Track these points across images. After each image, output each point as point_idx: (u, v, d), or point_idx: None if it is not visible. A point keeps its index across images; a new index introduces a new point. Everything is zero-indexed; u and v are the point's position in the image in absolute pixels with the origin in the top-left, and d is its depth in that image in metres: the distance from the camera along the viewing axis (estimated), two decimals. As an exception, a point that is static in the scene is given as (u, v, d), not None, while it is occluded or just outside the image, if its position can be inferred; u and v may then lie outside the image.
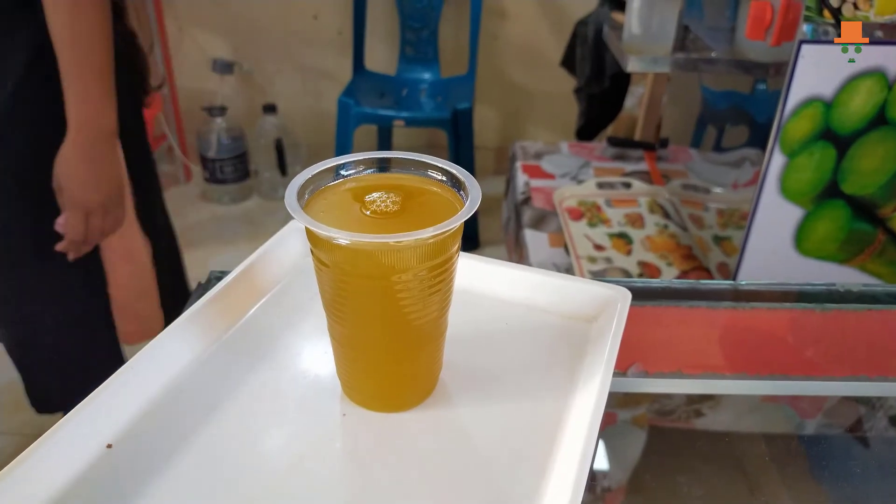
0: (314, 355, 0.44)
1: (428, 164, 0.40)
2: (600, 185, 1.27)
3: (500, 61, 2.30)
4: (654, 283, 0.52)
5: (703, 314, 0.49)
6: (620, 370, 0.49)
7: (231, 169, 2.23)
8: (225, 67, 2.26)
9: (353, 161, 0.40)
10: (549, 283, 0.48)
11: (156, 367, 0.41)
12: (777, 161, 0.83)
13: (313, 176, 0.39)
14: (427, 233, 0.33)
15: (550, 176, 1.35)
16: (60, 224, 0.87)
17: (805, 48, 0.76)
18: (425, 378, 0.42)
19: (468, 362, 0.44)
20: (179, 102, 2.33)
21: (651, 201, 1.22)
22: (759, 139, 0.89)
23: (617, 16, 1.31)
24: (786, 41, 0.77)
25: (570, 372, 0.42)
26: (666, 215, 1.18)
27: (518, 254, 1.24)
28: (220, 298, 0.45)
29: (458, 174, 0.38)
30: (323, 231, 0.34)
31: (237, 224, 2.19)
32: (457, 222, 0.34)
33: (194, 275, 1.98)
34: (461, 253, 0.40)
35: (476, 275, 0.49)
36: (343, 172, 0.40)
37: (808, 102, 0.79)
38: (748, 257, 0.90)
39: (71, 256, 0.90)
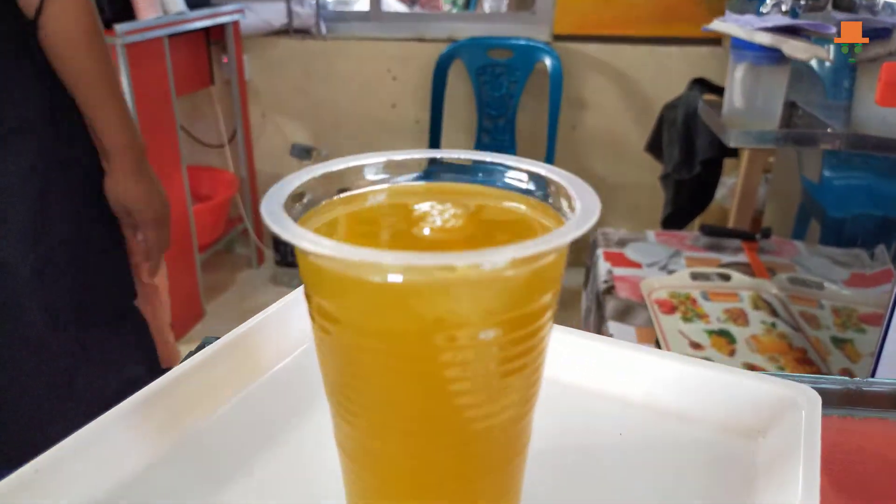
0: (318, 465, 0.31)
1: (506, 165, 0.26)
2: (694, 277, 1.14)
3: (578, 151, 2.24)
4: (846, 382, 0.37)
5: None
6: None
7: (302, 253, 2.21)
8: (303, 153, 2.28)
9: (380, 163, 0.27)
10: (687, 374, 0.33)
11: (95, 463, 0.29)
12: (922, 248, 0.69)
13: (313, 179, 0.26)
14: (507, 251, 0.20)
15: (636, 265, 1.23)
16: (141, 243, 0.89)
17: (957, 114, 0.64)
18: None
19: (562, 500, 0.29)
20: (258, 186, 2.36)
21: (755, 296, 1.08)
22: (888, 233, 0.77)
23: (710, 98, 1.22)
24: (931, 107, 0.66)
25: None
26: (773, 312, 1.04)
27: (600, 349, 1.11)
28: (193, 375, 0.33)
29: (555, 178, 0.24)
30: (320, 249, 0.20)
31: (304, 309, 2.14)
32: (563, 238, 0.20)
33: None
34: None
35: (572, 356, 0.34)
36: (362, 180, 0.27)
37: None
38: (884, 367, 0.75)
39: (151, 275, 0.91)
